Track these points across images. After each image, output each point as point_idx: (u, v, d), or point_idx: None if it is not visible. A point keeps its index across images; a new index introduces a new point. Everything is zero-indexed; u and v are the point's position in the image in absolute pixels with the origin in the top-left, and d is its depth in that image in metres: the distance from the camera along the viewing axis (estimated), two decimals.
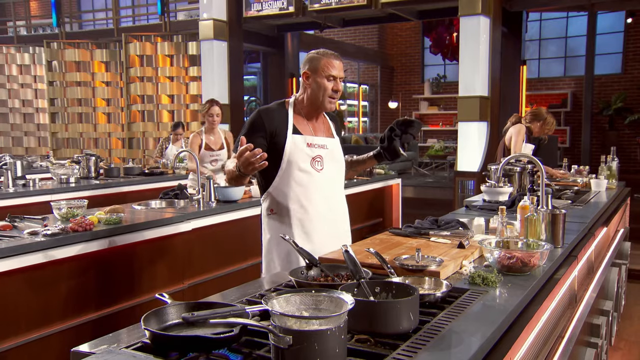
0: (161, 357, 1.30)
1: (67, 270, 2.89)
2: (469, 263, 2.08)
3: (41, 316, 2.78)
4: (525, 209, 2.40)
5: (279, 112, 2.44)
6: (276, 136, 2.39)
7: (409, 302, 1.44)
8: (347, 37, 14.41)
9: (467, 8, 7.06)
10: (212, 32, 8.77)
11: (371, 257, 1.94)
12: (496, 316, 1.56)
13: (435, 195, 9.78)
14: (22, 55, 10.75)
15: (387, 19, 9.15)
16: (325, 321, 1.21)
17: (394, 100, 14.96)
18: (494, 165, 4.10)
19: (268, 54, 10.51)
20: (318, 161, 2.44)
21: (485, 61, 7.19)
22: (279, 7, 8.74)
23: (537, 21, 13.57)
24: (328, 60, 2.37)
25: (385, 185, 6.05)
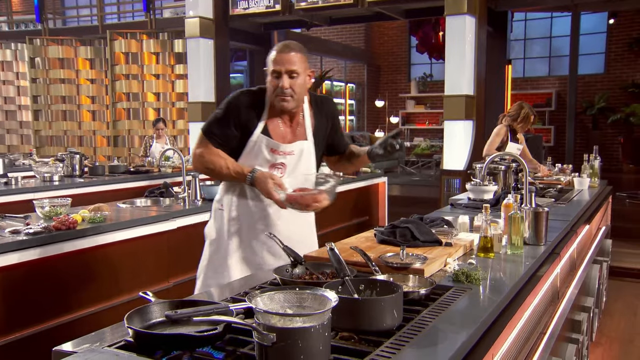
0: (145, 355, 1.29)
1: (49, 269, 2.86)
2: (453, 261, 2.10)
3: (22, 316, 2.75)
4: (509, 207, 2.42)
5: (256, 102, 2.28)
6: (246, 127, 2.27)
7: (392, 299, 1.45)
8: (333, 36, 14.42)
9: (453, 7, 7.09)
10: (199, 29, 8.72)
11: (356, 255, 1.94)
12: (479, 313, 1.57)
13: (422, 194, 9.82)
14: (4, 52, 10.61)
15: (373, 17, 9.15)
16: (309, 318, 1.21)
17: (381, 99, 15.00)
18: (479, 163, 4.13)
19: (254, 52, 10.48)
20: (279, 168, 2.31)
21: (471, 60, 7.23)
22: (265, 5, 8.71)
23: (522, 21, 13.68)
24: (274, 53, 2.19)
25: (371, 183, 6.07)
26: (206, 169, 2.27)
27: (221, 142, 2.25)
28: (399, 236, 2.32)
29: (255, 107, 2.27)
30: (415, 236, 2.30)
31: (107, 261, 3.21)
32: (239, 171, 2.21)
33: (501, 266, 2.11)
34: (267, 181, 2.13)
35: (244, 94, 2.29)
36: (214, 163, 2.24)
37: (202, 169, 2.29)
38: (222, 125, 2.24)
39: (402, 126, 14.89)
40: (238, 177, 2.21)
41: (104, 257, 3.18)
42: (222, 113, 2.25)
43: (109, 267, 3.23)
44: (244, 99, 2.26)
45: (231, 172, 2.22)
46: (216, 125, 2.26)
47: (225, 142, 2.26)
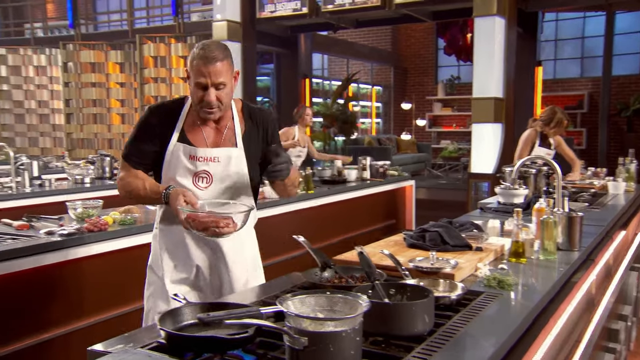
0: (176, 357, 1.31)
1: (82, 270, 2.92)
2: (484, 265, 2.07)
3: (58, 315, 2.81)
4: (541, 212, 2.38)
5: (171, 110, 2.10)
6: (163, 137, 2.06)
7: (423, 304, 1.44)
8: (360, 38, 14.40)
9: (482, 9, 7.02)
10: (226, 33, 8.80)
11: (385, 259, 1.93)
12: (512, 320, 1.55)
13: (449, 197, 9.72)
14: (39, 57, 10.87)
15: (400, 19, 9.12)
16: (341, 322, 1.21)
17: (408, 102, 14.91)
18: (508, 167, 4.07)
19: (281, 55, 10.53)
20: (203, 177, 2.07)
21: (500, 62, 7.14)
22: (292, 8, 8.75)
23: (554, 21, 13.46)
24: (198, 62, 1.93)
25: (398, 187, 6.03)
26: (126, 192, 2.09)
27: (139, 160, 2.08)
28: (428, 240, 2.31)
29: (171, 115, 2.08)
30: (445, 240, 2.28)
31: (137, 262, 3.25)
32: (155, 190, 2.01)
33: (533, 272, 2.07)
34: (178, 197, 1.91)
35: (155, 106, 2.13)
36: (131, 185, 2.06)
37: (124, 194, 2.11)
38: (137, 142, 2.07)
39: (429, 129, 14.78)
40: (156, 197, 2.00)
41: (134, 258, 3.22)
42: (135, 130, 2.09)
43: (139, 269, 3.27)
44: (155, 110, 2.09)
45: (148, 193, 2.02)
46: (131, 144, 2.09)
47: (143, 160, 2.09)
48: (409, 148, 13.53)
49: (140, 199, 2.10)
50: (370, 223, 5.59)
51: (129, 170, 2.08)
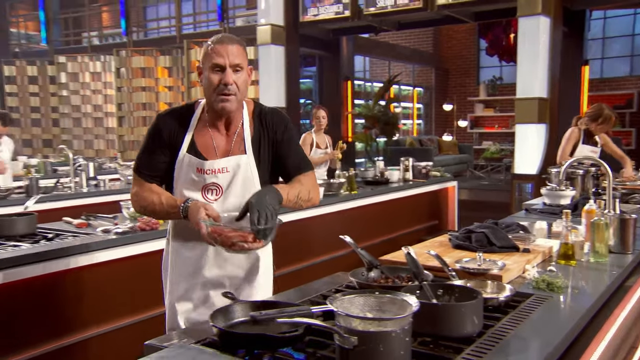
0: (228, 353, 1.32)
1: (136, 267, 2.99)
2: (532, 267, 2.02)
3: (111, 310, 2.89)
4: (591, 213, 2.30)
5: (181, 116, 1.95)
6: (173, 147, 1.92)
7: (473, 305, 1.41)
8: (401, 40, 14.28)
9: (526, 8, 6.85)
10: (270, 37, 8.88)
11: (431, 260, 1.90)
12: (563, 323, 1.50)
13: (491, 198, 9.53)
14: (95, 64, 11.22)
15: (442, 21, 8.99)
16: (391, 323, 1.19)
17: (449, 103, 14.69)
18: (554, 168, 3.96)
19: (323, 58, 10.54)
20: (213, 190, 1.92)
21: (545, 62, 6.95)
22: (335, 11, 8.76)
23: (601, 19, 13.01)
24: (213, 46, 1.83)
25: (441, 187, 5.95)
26: (141, 207, 1.96)
27: (151, 173, 1.94)
28: (474, 241, 2.26)
29: (180, 122, 1.94)
30: (492, 241, 2.23)
31: None
32: (172, 204, 1.86)
33: (584, 274, 2.00)
34: (199, 211, 1.76)
35: (164, 113, 1.98)
36: (146, 200, 1.91)
37: (138, 209, 1.99)
38: (147, 154, 1.93)
39: (471, 130, 14.53)
40: (173, 211, 1.85)
41: None
42: (145, 141, 1.95)
43: None
44: (164, 118, 1.94)
45: (165, 207, 1.87)
46: (142, 156, 1.95)
47: (155, 172, 1.95)
48: (450, 149, 13.33)
49: (156, 213, 1.96)
50: (413, 223, 5.54)
51: (142, 184, 1.94)
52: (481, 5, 7.83)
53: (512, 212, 4.93)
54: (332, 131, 10.64)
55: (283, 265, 3.97)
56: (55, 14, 13.34)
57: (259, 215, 1.66)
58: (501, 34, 12.25)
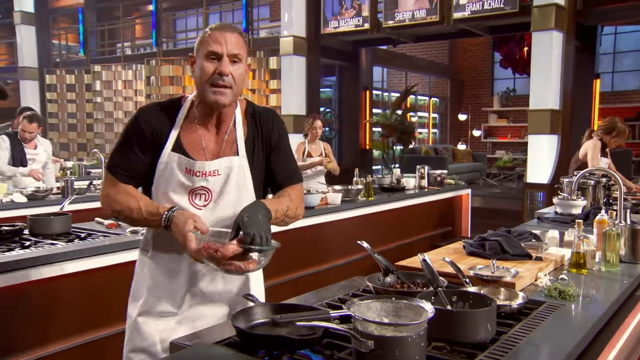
0: (249, 354, 1.32)
1: None
2: (544, 275, 1.98)
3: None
4: (603, 224, 2.26)
5: (166, 112, 1.66)
6: (155, 145, 1.63)
7: (486, 312, 1.39)
8: (418, 52, 14.23)
9: (540, 23, 6.79)
10: (292, 48, 8.93)
11: (446, 266, 1.88)
12: (576, 331, 1.46)
13: (503, 206, 9.42)
14: (127, 72, 11.39)
15: (458, 34, 8.96)
16: (406, 328, 1.18)
17: (464, 113, 14.59)
18: (566, 178, 3.90)
19: (343, 68, 10.56)
20: (201, 194, 1.64)
21: (557, 75, 6.88)
22: (354, 24, 8.78)
23: (612, 34, 12.83)
24: (210, 32, 1.59)
25: (455, 195, 5.89)
26: (114, 211, 1.66)
27: (127, 173, 1.64)
28: (488, 249, 2.23)
29: (165, 118, 1.65)
30: (505, 249, 2.20)
31: None
32: (153, 211, 1.57)
33: (595, 283, 1.96)
34: (188, 222, 1.49)
35: (146, 107, 1.69)
36: (121, 203, 1.62)
37: (110, 212, 1.69)
38: (124, 151, 1.64)
39: (485, 139, 14.40)
40: (153, 219, 1.57)
41: None
42: (122, 137, 1.66)
43: None
44: (147, 112, 1.66)
45: (144, 214, 1.58)
46: (117, 154, 1.66)
47: (132, 173, 1.65)
48: (464, 158, 13.23)
49: (132, 220, 1.64)
50: (427, 229, 5.49)
51: (116, 185, 1.64)
52: (496, 20, 7.78)
53: (524, 220, 4.86)
54: (350, 138, 10.69)
55: (301, 268, 3.97)
56: (93, 26, 13.58)
57: (254, 237, 1.41)
58: (515, 47, 12.15)
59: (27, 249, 2.49)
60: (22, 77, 11.87)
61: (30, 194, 4.06)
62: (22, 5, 12.19)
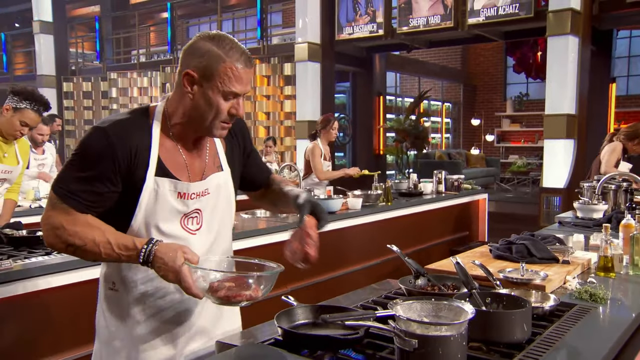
0: (294, 352, 1.36)
1: None
2: (573, 278, 2.01)
3: None
4: (630, 228, 2.29)
5: (135, 130, 1.40)
6: (132, 173, 1.38)
7: (522, 313, 1.42)
8: (431, 57, 14.27)
9: (555, 28, 6.81)
10: (307, 54, 9.01)
11: (475, 269, 1.91)
12: (611, 332, 1.50)
13: (518, 210, 9.41)
14: (142, 79, 11.55)
15: (472, 40, 8.99)
16: (449, 328, 1.22)
17: (477, 118, 14.59)
18: (586, 182, 3.91)
19: (357, 74, 10.63)
20: (193, 217, 1.49)
21: (573, 80, 6.89)
22: (369, 30, 8.84)
23: (627, 38, 12.78)
24: (232, 66, 1.37)
25: (471, 200, 5.92)
26: (69, 246, 1.35)
27: (89, 203, 1.36)
28: (515, 252, 2.26)
29: (136, 137, 1.40)
30: (532, 253, 2.23)
31: None
32: (127, 245, 1.33)
33: (624, 287, 1.99)
34: (177, 255, 1.31)
35: (111, 125, 1.38)
36: (80, 237, 1.34)
37: (63, 247, 1.36)
38: (85, 179, 1.36)
39: (498, 144, 14.38)
40: (128, 254, 1.33)
41: None
42: (81, 162, 1.37)
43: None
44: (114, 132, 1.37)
45: (114, 249, 1.33)
46: (75, 181, 1.36)
47: (95, 202, 1.38)
48: (478, 162, 13.22)
49: (95, 255, 1.36)
50: (444, 234, 5.51)
51: (70, 215, 1.35)
52: (511, 25, 7.81)
53: (540, 225, 4.87)
54: (364, 144, 10.74)
55: (323, 272, 4.01)
56: (109, 34, 13.79)
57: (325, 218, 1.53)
58: (528, 51, 12.15)
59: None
60: (40, 85, 12.07)
61: None
62: (40, 14, 12.42)
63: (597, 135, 6.49)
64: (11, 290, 2.19)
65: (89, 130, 1.40)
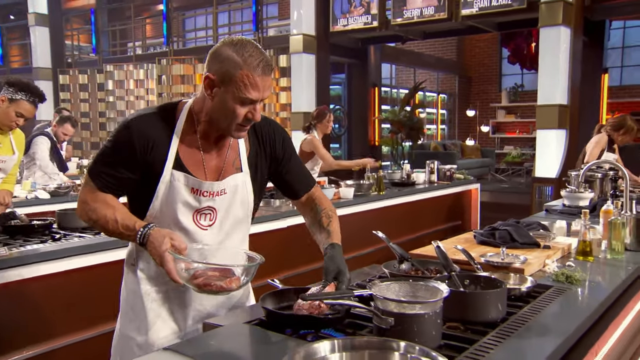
0: (278, 332, 1.42)
1: None
2: (552, 262, 2.07)
3: None
4: (609, 213, 2.34)
5: (161, 126, 1.53)
6: (150, 164, 1.51)
7: (497, 293, 1.48)
8: (426, 49, 14.28)
9: (547, 19, 6.84)
10: (302, 46, 9.02)
11: (458, 254, 1.97)
12: (581, 312, 1.56)
13: (512, 200, 9.48)
14: (138, 72, 11.52)
15: (466, 31, 9.01)
16: (424, 306, 1.28)
17: (472, 109, 14.63)
18: (574, 171, 3.97)
19: (352, 66, 10.65)
20: (207, 214, 1.58)
21: (565, 70, 6.93)
22: (363, 22, 8.85)
23: (620, 29, 12.80)
24: (249, 73, 1.42)
25: (464, 189, 5.98)
26: (90, 220, 1.54)
27: (111, 185, 1.53)
28: (498, 238, 2.32)
29: (160, 130, 1.52)
30: (514, 238, 2.29)
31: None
32: (128, 225, 1.48)
33: (601, 269, 2.05)
34: (165, 241, 1.41)
35: (138, 118, 1.53)
36: (97, 212, 1.51)
37: (88, 221, 1.57)
38: (109, 164, 1.52)
39: (493, 135, 14.43)
40: (128, 233, 1.48)
41: None
42: (109, 149, 1.53)
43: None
44: (139, 125, 1.51)
45: (119, 227, 1.48)
46: (102, 164, 1.53)
47: (116, 185, 1.54)
48: (473, 153, 13.28)
49: (107, 231, 1.53)
50: (437, 223, 5.58)
51: (94, 193, 1.53)
52: (504, 16, 7.83)
53: (532, 214, 4.92)
54: (359, 135, 10.78)
55: (315, 260, 4.07)
56: (104, 26, 13.75)
57: (349, 283, 1.51)
58: (523, 43, 12.18)
59: (58, 242, 2.62)
60: (36, 77, 12.05)
61: (53, 190, 4.19)
62: (36, 7, 12.37)
63: (589, 125, 6.52)
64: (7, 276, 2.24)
65: (120, 121, 1.58)
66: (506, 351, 1.29)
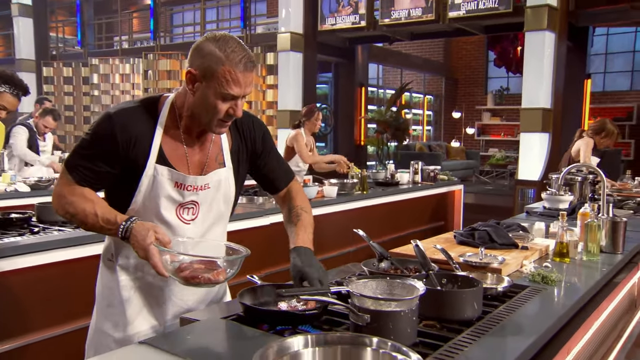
0: (255, 327, 1.42)
1: None
2: (529, 263, 2.10)
3: None
4: (586, 216, 2.38)
5: (143, 120, 1.51)
6: (132, 159, 1.49)
7: (473, 292, 1.50)
8: (414, 50, 14.35)
9: (532, 24, 6.92)
10: (289, 44, 9.02)
11: (437, 253, 1.98)
12: (555, 311, 1.58)
13: (495, 202, 9.57)
14: (124, 66, 11.43)
15: (453, 33, 9.07)
16: (399, 303, 1.29)
17: (458, 111, 14.74)
18: (555, 174, 4.02)
19: (339, 65, 10.66)
20: (189, 208, 1.58)
21: (549, 75, 7.01)
22: (351, 21, 8.87)
23: (604, 35, 12.99)
24: (231, 69, 1.42)
25: (448, 190, 6.02)
26: (66, 213, 1.51)
27: (89, 179, 1.50)
28: (477, 238, 2.35)
29: (142, 125, 1.51)
30: (493, 239, 2.31)
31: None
32: (109, 219, 1.45)
33: (577, 271, 2.08)
34: (149, 234, 1.39)
35: (119, 111, 1.50)
36: (75, 206, 1.48)
37: (64, 214, 1.52)
38: (87, 157, 1.49)
39: (478, 137, 14.55)
40: (109, 227, 1.45)
41: None
42: (88, 141, 1.50)
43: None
44: (121, 118, 1.48)
45: (99, 221, 1.46)
46: (80, 156, 1.50)
47: (95, 180, 1.51)
48: (458, 155, 13.38)
49: (86, 225, 1.49)
50: (420, 224, 5.61)
51: (71, 186, 1.50)
52: (491, 19, 7.90)
53: (515, 216, 4.96)
54: (345, 134, 10.80)
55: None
56: (90, 19, 13.60)
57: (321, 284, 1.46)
58: (509, 46, 12.29)
59: (36, 235, 2.59)
60: (19, 69, 11.89)
61: (34, 183, 4.14)
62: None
63: (572, 129, 6.60)
64: None
65: (101, 114, 1.54)
66: (480, 349, 1.30)
